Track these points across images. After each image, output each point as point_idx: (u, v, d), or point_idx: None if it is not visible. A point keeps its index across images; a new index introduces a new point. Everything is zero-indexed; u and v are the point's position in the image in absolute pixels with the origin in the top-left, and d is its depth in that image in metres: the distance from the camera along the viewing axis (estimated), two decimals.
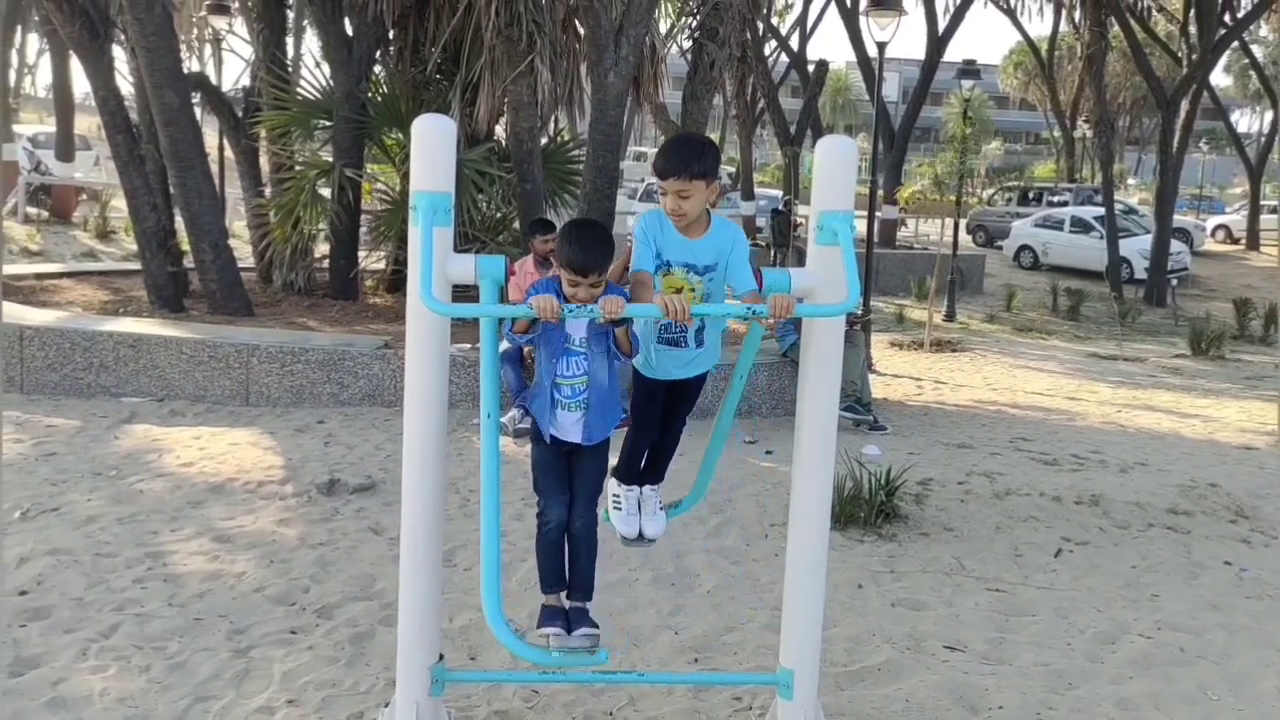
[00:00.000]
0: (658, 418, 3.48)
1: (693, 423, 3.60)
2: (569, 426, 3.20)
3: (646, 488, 3.55)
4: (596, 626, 3.24)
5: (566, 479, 3.27)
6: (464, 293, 3.37)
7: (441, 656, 3.49)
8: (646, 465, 3.56)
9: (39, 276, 11.51)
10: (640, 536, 3.51)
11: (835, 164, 3.30)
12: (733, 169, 33.93)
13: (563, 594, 3.28)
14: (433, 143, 3.19)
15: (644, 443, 3.53)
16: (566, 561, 3.28)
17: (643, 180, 33.23)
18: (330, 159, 11.24)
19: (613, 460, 3.42)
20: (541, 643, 3.20)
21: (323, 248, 11.82)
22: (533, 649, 3.21)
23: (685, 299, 2.97)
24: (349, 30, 11.20)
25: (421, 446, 3.30)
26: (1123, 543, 5.88)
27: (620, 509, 3.51)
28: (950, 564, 5.37)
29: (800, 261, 3.94)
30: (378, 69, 11.95)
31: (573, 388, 3.17)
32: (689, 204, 3.15)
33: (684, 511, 3.83)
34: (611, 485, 3.51)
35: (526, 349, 6.42)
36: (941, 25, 24.88)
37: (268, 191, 12.27)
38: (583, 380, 3.17)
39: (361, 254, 11.71)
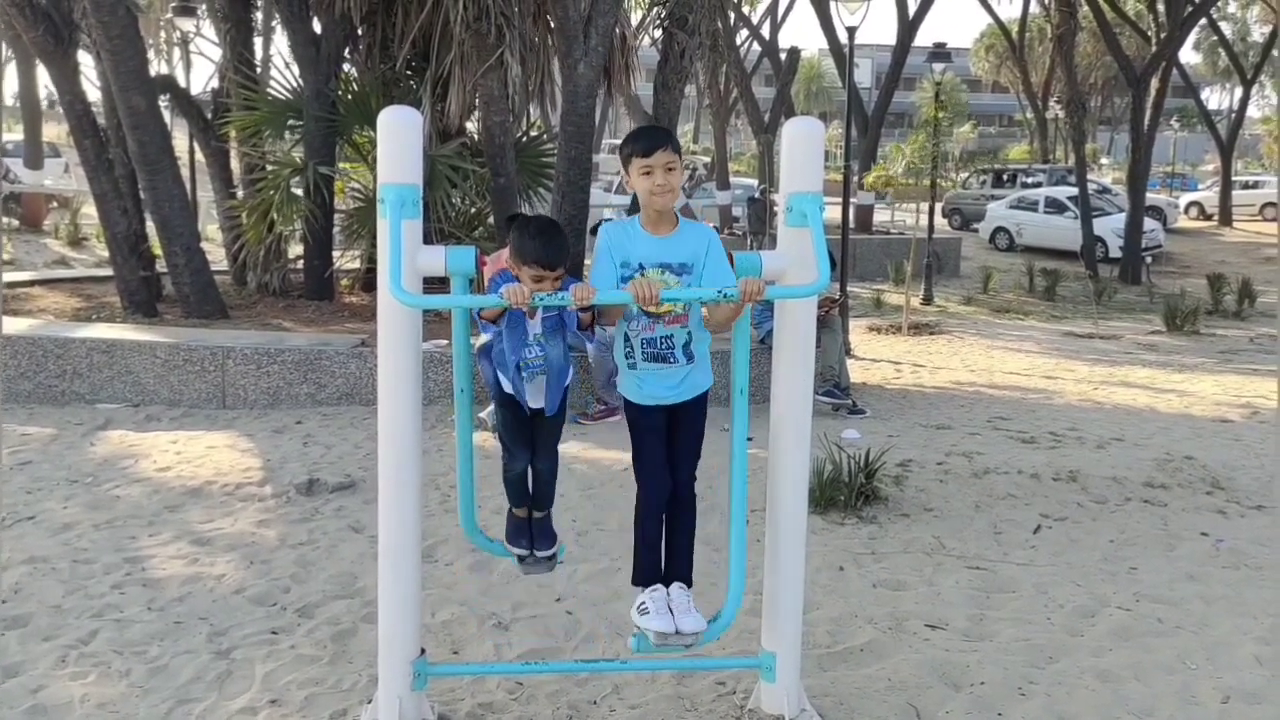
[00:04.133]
0: (663, 459, 3.27)
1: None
2: (535, 394, 3.35)
3: (675, 587, 3.29)
4: (555, 539, 3.63)
5: (529, 436, 3.44)
6: (442, 288, 3.37)
7: (423, 651, 3.49)
8: (667, 554, 3.32)
9: (10, 285, 11.40)
10: (678, 632, 3.20)
11: (803, 145, 3.31)
12: (707, 159, 33.94)
13: (529, 510, 3.59)
14: (399, 135, 3.18)
15: (655, 504, 3.27)
16: (530, 486, 3.52)
17: (618, 173, 33.22)
18: (301, 159, 11.17)
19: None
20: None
21: (296, 248, 11.74)
22: (505, 548, 3.65)
23: (653, 283, 2.96)
24: (317, 28, 11.12)
25: (396, 439, 3.29)
26: (1101, 517, 5.92)
27: (648, 612, 3.22)
28: (930, 544, 5.40)
29: None
30: (347, 67, 11.87)
31: (529, 364, 3.31)
32: (675, 177, 3.12)
33: (726, 625, 3.39)
34: (637, 597, 3.31)
35: None
36: (912, 9, 24.98)
37: (239, 193, 12.19)
38: (540, 358, 3.30)
39: (336, 253, 11.64)
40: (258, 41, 13.06)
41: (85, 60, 11.30)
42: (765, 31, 30.78)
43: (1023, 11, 36.37)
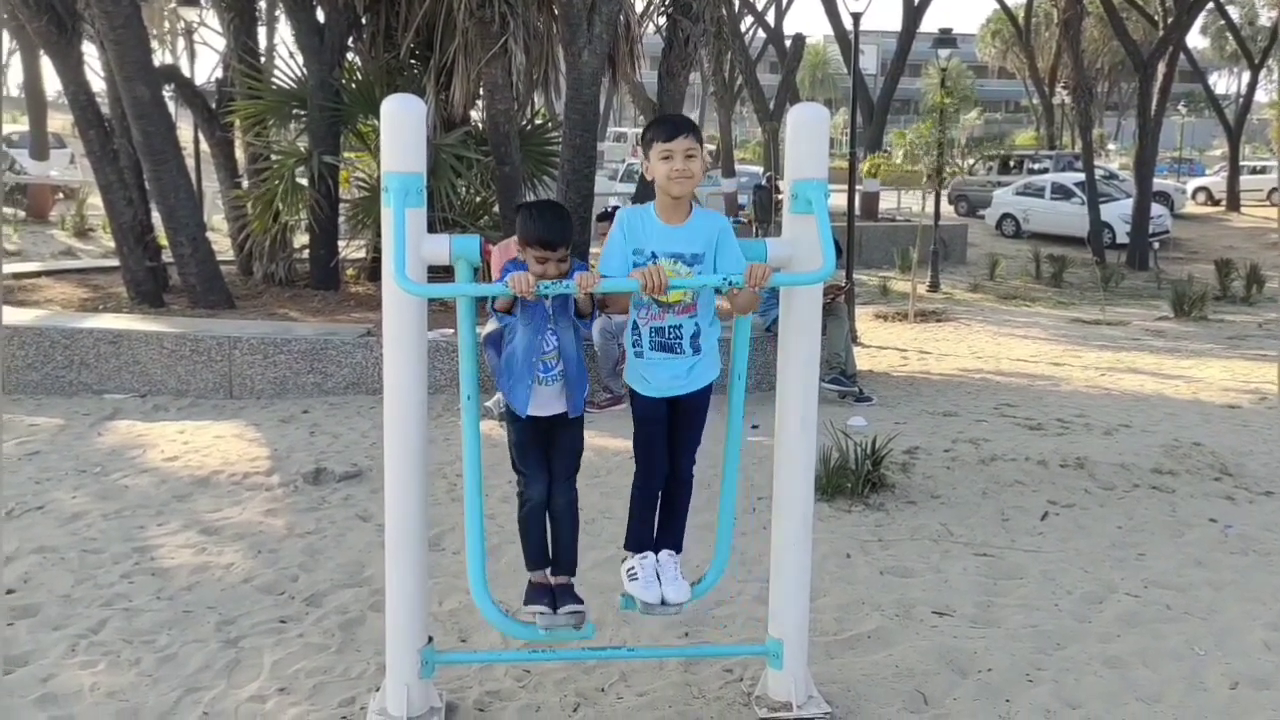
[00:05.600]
0: (663, 448, 3.33)
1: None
2: (549, 401, 3.24)
3: (664, 553, 3.38)
4: (581, 602, 3.36)
5: (545, 458, 3.33)
6: (447, 277, 3.37)
7: (431, 639, 3.49)
8: (660, 525, 3.41)
9: (16, 276, 11.42)
10: (663, 602, 3.29)
11: (807, 131, 3.30)
12: (713, 146, 33.83)
13: (548, 571, 3.38)
14: (402, 123, 3.17)
15: (652, 488, 3.37)
16: (550, 539, 3.36)
17: (623, 161, 33.14)
18: (306, 148, 11.15)
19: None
20: (530, 619, 3.34)
21: (301, 238, 11.75)
22: (521, 626, 3.41)
23: (662, 271, 2.96)
24: (320, 17, 11.10)
25: (402, 429, 3.30)
26: (1108, 504, 5.91)
27: (637, 578, 3.32)
28: (938, 530, 5.39)
29: None
30: (351, 56, 11.85)
31: (545, 363, 3.20)
32: (695, 164, 3.13)
33: (709, 588, 3.59)
34: (627, 560, 3.39)
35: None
36: None
37: (244, 183, 12.18)
38: (554, 355, 3.21)
39: (341, 243, 11.64)
40: (262, 31, 13.02)
41: (89, 51, 11.28)
42: (770, 18, 30.67)
43: None
